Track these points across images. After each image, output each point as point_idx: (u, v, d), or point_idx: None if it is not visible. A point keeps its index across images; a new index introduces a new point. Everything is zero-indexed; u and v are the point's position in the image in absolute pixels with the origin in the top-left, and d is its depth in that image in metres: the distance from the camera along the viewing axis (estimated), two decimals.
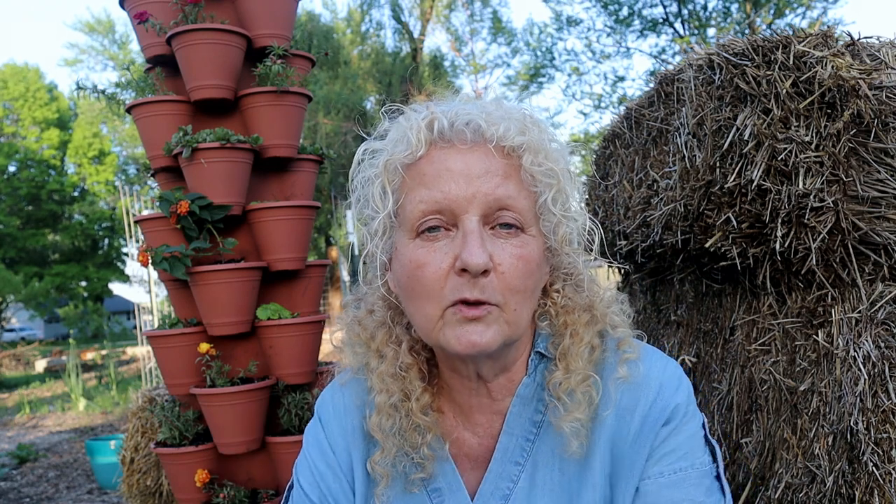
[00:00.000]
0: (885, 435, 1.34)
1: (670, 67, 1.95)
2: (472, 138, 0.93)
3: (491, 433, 1.03)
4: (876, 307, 1.45)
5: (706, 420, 1.01)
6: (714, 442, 1.00)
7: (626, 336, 1.00)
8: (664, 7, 17.34)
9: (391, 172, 0.95)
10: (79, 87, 2.93)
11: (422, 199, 0.92)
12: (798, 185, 1.45)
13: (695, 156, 1.68)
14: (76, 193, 30.84)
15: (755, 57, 1.52)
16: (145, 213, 5.00)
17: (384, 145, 0.98)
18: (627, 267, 2.39)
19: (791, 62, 1.46)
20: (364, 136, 1.03)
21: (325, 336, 2.86)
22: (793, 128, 1.46)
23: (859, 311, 1.47)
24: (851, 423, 1.38)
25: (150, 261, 2.68)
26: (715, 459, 0.98)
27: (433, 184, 0.91)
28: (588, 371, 0.96)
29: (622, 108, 2.32)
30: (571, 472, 0.98)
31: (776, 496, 1.53)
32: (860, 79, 1.40)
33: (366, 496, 1.06)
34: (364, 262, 1.06)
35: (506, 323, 0.91)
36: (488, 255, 0.88)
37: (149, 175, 3.03)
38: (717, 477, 0.97)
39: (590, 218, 1.01)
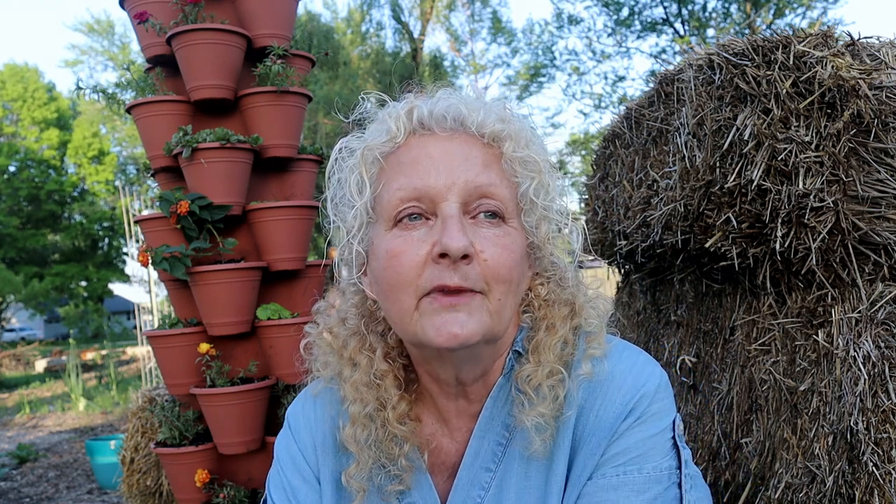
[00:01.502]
0: (885, 435, 1.33)
1: (670, 67, 1.95)
2: (452, 125, 0.90)
3: (467, 438, 0.97)
4: (876, 307, 1.45)
5: (680, 421, 0.94)
6: (684, 446, 0.92)
7: (597, 331, 0.95)
8: (664, 7, 17.35)
9: (369, 163, 0.92)
10: (79, 87, 2.92)
11: (400, 186, 0.88)
12: (798, 185, 1.45)
13: (695, 156, 1.68)
14: (76, 193, 30.83)
15: (755, 57, 1.52)
16: (145, 213, 4.99)
17: (362, 139, 0.95)
18: (627, 266, 2.39)
19: (791, 62, 1.46)
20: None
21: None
22: (793, 128, 1.46)
23: (859, 311, 1.47)
24: (851, 423, 1.37)
25: (150, 261, 2.68)
26: (680, 466, 0.90)
27: (412, 171, 0.88)
28: (557, 366, 0.91)
29: (622, 108, 2.32)
30: (540, 474, 0.92)
31: (776, 496, 1.53)
32: (860, 79, 1.40)
33: None
34: (338, 266, 1.01)
35: (488, 313, 0.85)
36: (469, 241, 0.84)
37: (149, 175, 3.03)
38: (679, 485, 0.90)
39: (573, 217, 0.97)
